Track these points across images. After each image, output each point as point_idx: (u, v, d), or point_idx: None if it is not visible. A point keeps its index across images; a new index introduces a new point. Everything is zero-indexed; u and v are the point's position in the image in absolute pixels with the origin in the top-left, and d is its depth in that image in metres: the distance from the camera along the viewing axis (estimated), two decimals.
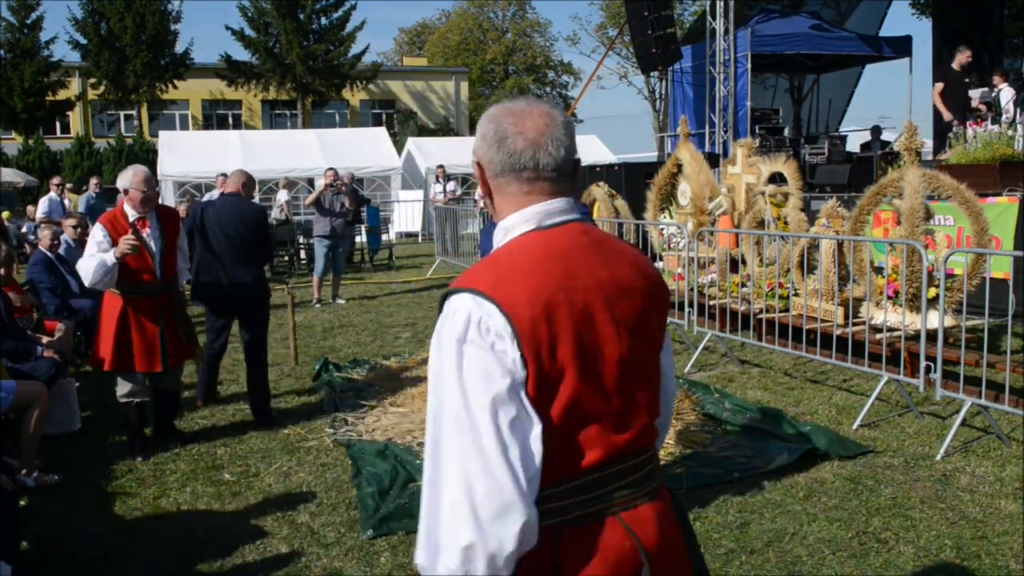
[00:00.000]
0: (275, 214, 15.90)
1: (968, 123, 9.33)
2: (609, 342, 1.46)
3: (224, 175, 12.20)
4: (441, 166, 19.07)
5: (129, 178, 5.01)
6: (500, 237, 1.56)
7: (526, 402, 1.38)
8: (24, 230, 15.32)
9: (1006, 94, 11.26)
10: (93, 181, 15.32)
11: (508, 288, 1.41)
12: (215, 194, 11.74)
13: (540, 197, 1.53)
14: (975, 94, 11.53)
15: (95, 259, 4.85)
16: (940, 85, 10.81)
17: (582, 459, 1.44)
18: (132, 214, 5.03)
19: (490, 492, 1.33)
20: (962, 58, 10.75)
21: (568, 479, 1.43)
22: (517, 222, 1.53)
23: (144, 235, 5.04)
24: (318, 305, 10.62)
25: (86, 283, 4.94)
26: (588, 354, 1.43)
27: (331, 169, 11.36)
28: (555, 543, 1.42)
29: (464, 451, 1.34)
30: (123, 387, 5.14)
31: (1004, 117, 10.54)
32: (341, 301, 10.87)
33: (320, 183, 11.25)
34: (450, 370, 1.38)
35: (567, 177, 1.55)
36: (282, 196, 15.99)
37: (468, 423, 1.35)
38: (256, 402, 5.83)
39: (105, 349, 4.97)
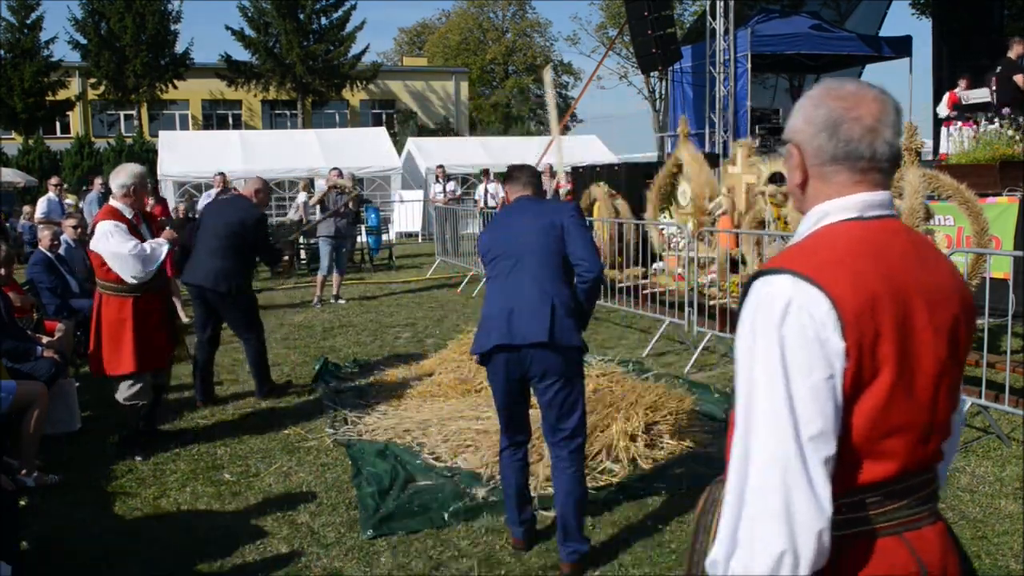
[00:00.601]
0: (291, 215, 15.96)
1: (961, 123, 9.33)
2: (926, 348, 1.35)
3: (222, 174, 12.24)
4: (441, 166, 19.07)
5: (135, 176, 5.03)
6: (812, 223, 1.45)
7: (840, 399, 1.28)
8: (20, 230, 15.30)
9: None
10: (98, 181, 15.35)
11: (832, 274, 1.30)
12: (212, 193, 11.75)
13: (868, 188, 1.42)
14: (975, 94, 11.55)
15: (149, 246, 4.94)
16: (1021, 76, 10.59)
17: (878, 471, 1.33)
18: (129, 212, 5.04)
19: (808, 496, 1.24)
20: (1020, 48, 10.61)
21: (859, 491, 1.33)
22: (836, 208, 1.42)
23: (142, 232, 5.08)
24: (319, 305, 10.62)
25: (142, 273, 4.92)
26: (906, 358, 1.32)
27: (335, 169, 11.37)
28: (836, 559, 1.31)
29: (781, 450, 1.25)
30: (130, 389, 5.12)
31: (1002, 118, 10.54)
32: (341, 301, 10.87)
33: (320, 183, 11.28)
34: (768, 359, 1.28)
35: (895, 167, 1.44)
36: (301, 198, 16.00)
37: (789, 418, 1.26)
38: (255, 378, 6.32)
39: (126, 352, 4.95)
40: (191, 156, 20.02)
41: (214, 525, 4.12)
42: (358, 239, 15.79)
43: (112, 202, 5.09)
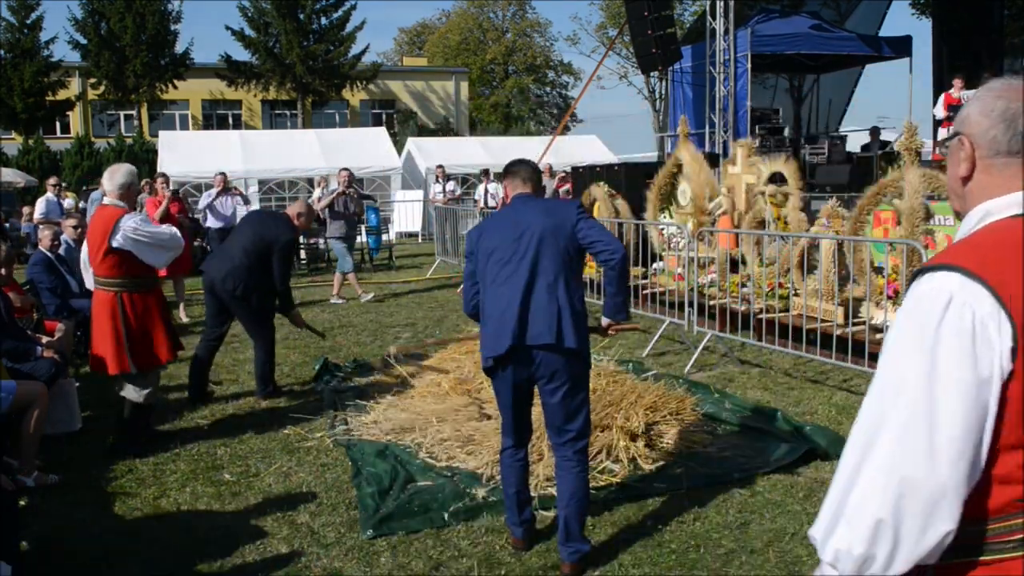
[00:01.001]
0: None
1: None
2: None
3: (223, 174, 12.27)
4: (441, 166, 19.08)
5: (131, 175, 5.15)
6: (975, 221, 1.42)
7: (994, 404, 1.25)
8: (26, 232, 15.33)
9: None
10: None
11: (999, 271, 1.27)
12: (212, 193, 11.77)
13: None
14: (972, 95, 11.53)
15: (169, 230, 5.32)
16: None
17: None
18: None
19: (926, 479, 1.24)
20: None
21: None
22: (1003, 205, 1.39)
23: None
24: (370, 297, 10.90)
25: (172, 255, 5.28)
26: None
27: (345, 170, 11.43)
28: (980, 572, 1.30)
29: (912, 429, 1.25)
30: (146, 386, 5.24)
31: None
32: (341, 301, 10.88)
33: (333, 184, 11.33)
34: (919, 354, 1.27)
35: None
36: (316, 194, 15.96)
37: (926, 404, 1.25)
38: (258, 377, 6.34)
39: (162, 342, 5.19)
40: (191, 156, 20.03)
41: (214, 525, 4.12)
42: (358, 239, 15.81)
43: (110, 200, 5.08)
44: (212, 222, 11.71)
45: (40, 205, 13.98)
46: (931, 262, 1.36)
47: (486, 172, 17.94)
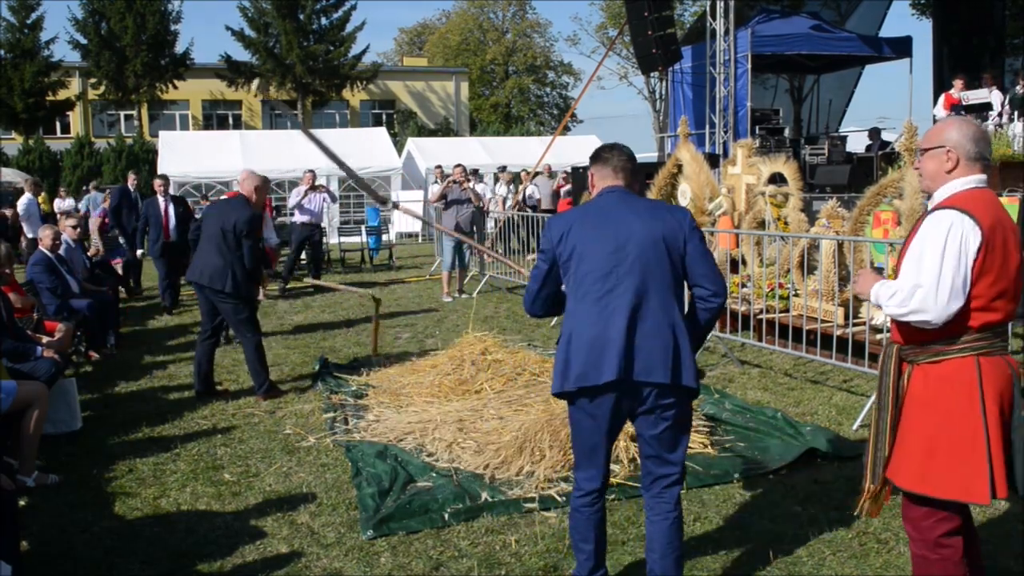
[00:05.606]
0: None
1: None
2: (1012, 254, 2.59)
3: (312, 171, 12.75)
4: (440, 166, 19.07)
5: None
6: (956, 188, 2.66)
7: (971, 274, 2.54)
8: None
9: (996, 96, 11.31)
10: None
11: (975, 209, 2.56)
12: (302, 190, 12.27)
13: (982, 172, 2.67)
14: (975, 95, 11.55)
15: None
16: None
17: (994, 315, 2.60)
18: None
19: (945, 284, 2.52)
20: None
21: (986, 327, 2.60)
22: (967, 182, 2.66)
23: None
24: (450, 299, 10.83)
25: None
26: (1006, 256, 2.58)
27: (459, 166, 11.51)
28: (978, 365, 2.59)
29: (945, 264, 2.53)
30: None
31: (1000, 119, 10.55)
32: (465, 295, 10.95)
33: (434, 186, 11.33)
34: (935, 248, 2.53)
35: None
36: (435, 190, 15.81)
37: (949, 276, 2.53)
38: (252, 374, 6.40)
39: None
40: (191, 156, 20.03)
41: (214, 525, 4.12)
42: (358, 239, 15.79)
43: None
44: (299, 217, 12.22)
45: (21, 205, 13.99)
46: (938, 206, 2.64)
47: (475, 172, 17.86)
